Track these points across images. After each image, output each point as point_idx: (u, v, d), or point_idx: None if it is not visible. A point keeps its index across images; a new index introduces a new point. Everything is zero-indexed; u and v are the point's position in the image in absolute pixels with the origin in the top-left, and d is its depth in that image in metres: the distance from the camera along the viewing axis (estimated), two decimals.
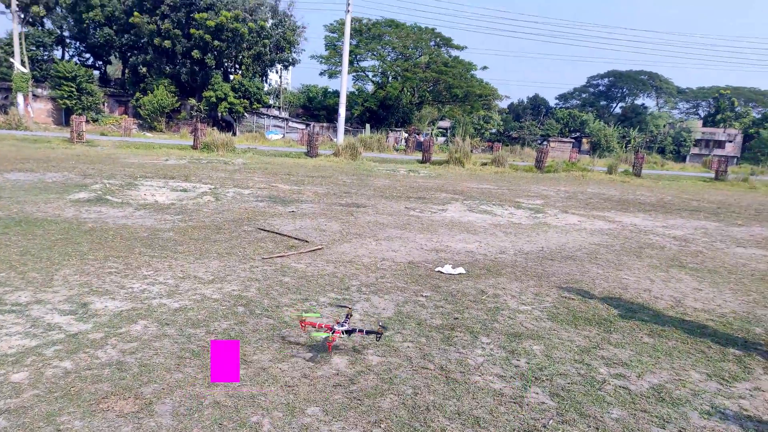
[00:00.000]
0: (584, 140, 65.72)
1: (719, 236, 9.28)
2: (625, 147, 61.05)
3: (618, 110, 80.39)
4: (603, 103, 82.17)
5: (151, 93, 38.91)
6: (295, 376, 3.12)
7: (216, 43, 39.14)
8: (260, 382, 3.01)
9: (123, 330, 3.61)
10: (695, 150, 67.80)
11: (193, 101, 41.03)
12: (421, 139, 46.03)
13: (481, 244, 7.34)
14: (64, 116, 38.51)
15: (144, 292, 4.40)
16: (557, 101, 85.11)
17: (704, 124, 74.29)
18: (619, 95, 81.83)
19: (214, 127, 36.37)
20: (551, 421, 2.82)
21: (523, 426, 2.74)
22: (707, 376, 3.51)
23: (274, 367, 3.21)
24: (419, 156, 26.85)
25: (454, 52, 53.42)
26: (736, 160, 65.01)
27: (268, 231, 7.28)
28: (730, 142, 69.87)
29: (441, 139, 61.69)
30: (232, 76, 44.04)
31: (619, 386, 3.28)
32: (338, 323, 3.49)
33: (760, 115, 73.73)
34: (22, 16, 37.13)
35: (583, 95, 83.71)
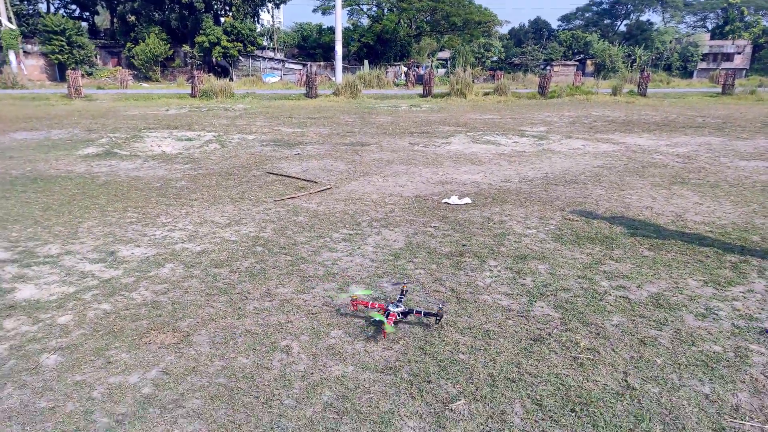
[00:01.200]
0: (588, 62, 63.94)
1: (723, 151, 9.32)
2: (631, 66, 59.45)
3: (623, 28, 77.62)
4: (607, 21, 79.26)
5: (143, 42, 38.03)
6: (317, 305, 3.36)
7: None
8: (286, 311, 3.26)
9: (152, 273, 3.85)
10: (703, 65, 65.89)
11: (186, 48, 40.13)
12: (421, 72, 45.05)
13: (486, 174, 7.46)
14: (57, 71, 37.90)
15: (166, 239, 4.63)
16: (560, 23, 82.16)
17: (712, 37, 71.76)
18: (623, 12, 78.71)
19: (210, 74, 35.75)
20: (555, 329, 3.06)
21: (530, 335, 2.98)
22: (704, 283, 3.73)
23: (297, 298, 3.45)
24: (420, 90, 26.46)
25: None
26: (744, 72, 63.25)
27: (277, 174, 7.43)
28: (739, 53, 67.72)
29: (441, 70, 60.24)
30: (222, 19, 42.77)
31: (620, 296, 3.51)
32: (393, 303, 3.13)
33: None
34: None
35: (587, 14, 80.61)
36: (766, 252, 4.34)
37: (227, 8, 43.03)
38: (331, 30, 50.22)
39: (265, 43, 51.72)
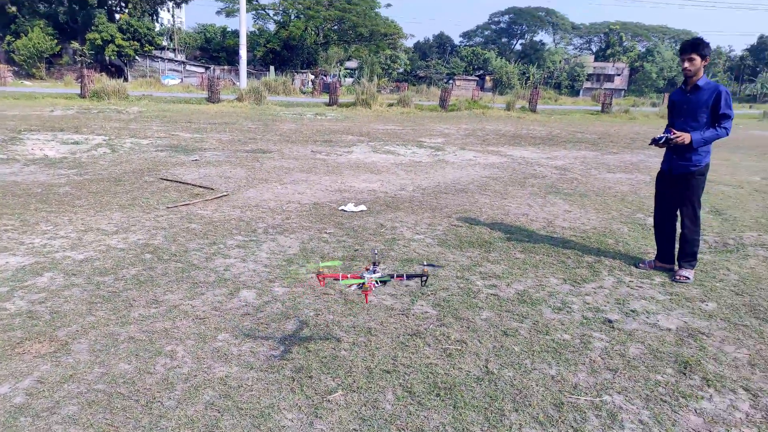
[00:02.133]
0: (487, 78, 67.61)
1: (594, 164, 10.37)
2: (525, 83, 63.71)
3: (518, 47, 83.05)
4: (504, 40, 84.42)
5: (25, 36, 34.97)
6: (206, 310, 3.41)
7: None
8: (172, 317, 3.28)
9: (29, 283, 3.69)
10: (588, 84, 72.04)
11: (76, 45, 37.43)
12: (328, 80, 45.31)
13: (383, 183, 7.78)
14: None
15: (45, 247, 4.42)
16: (462, 39, 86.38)
17: (596, 59, 78.76)
18: (519, 32, 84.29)
19: (103, 73, 33.60)
20: (431, 325, 3.35)
21: (408, 331, 3.24)
22: (563, 281, 4.21)
23: (185, 304, 3.47)
24: (326, 98, 26.64)
25: None
26: (623, 92, 69.94)
27: (171, 180, 7.26)
28: (618, 75, 74.82)
29: (349, 79, 60.96)
30: (118, 16, 40.43)
31: (491, 294, 3.88)
32: (367, 270, 2.92)
33: (644, 49, 79.20)
34: None
35: (486, 32, 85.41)
36: (617, 253, 4.97)
37: (123, 4, 40.77)
38: (236, 33, 49.07)
39: (164, 44, 49.51)
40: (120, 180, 7.15)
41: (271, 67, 44.23)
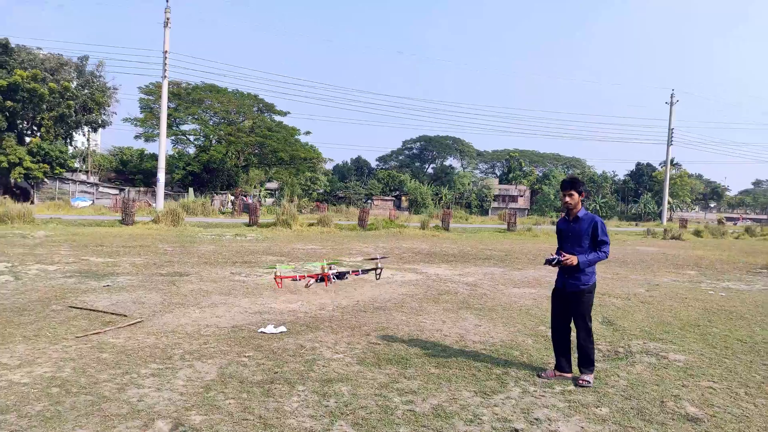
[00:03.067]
0: (403, 198, 71.30)
1: (502, 279, 11.14)
2: (438, 203, 67.69)
3: (430, 170, 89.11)
4: (417, 164, 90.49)
5: None
6: None
7: (9, 103, 35.20)
8: None
9: None
10: (495, 204, 77.74)
11: None
12: (249, 201, 45.81)
13: (303, 303, 7.92)
14: None
15: None
16: (378, 163, 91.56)
17: (500, 182, 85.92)
18: (430, 157, 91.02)
19: (7, 195, 32.11)
20: None
21: None
22: (474, 393, 4.48)
23: None
24: (246, 219, 26.86)
25: (278, 118, 54.96)
26: (527, 212, 75.86)
27: (81, 308, 7.00)
28: (521, 196, 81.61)
29: (269, 200, 61.91)
30: (28, 139, 39.63)
31: (407, 410, 4.06)
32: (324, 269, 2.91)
33: (541, 174, 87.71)
34: None
35: (400, 157, 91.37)
36: (522, 364, 5.35)
37: (35, 128, 40.19)
38: (154, 156, 49.26)
39: (77, 165, 48.57)
40: (24, 309, 6.80)
41: (190, 189, 44.31)
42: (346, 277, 2.95)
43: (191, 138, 53.89)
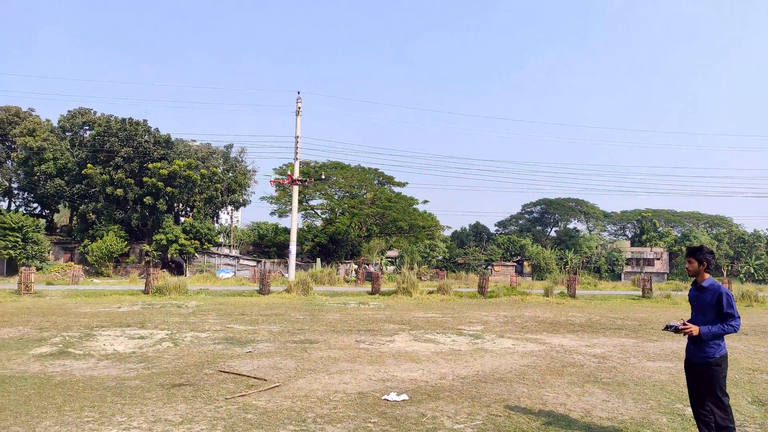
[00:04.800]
0: (525, 263, 69.12)
1: (634, 352, 10.47)
2: (563, 268, 64.61)
3: (553, 234, 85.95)
4: (539, 228, 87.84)
5: (100, 239, 39.17)
6: None
7: (168, 189, 40.70)
8: None
9: None
10: (628, 268, 72.32)
11: (146, 246, 41.41)
12: (371, 269, 47.35)
13: (424, 372, 8.15)
14: (5, 266, 37.83)
15: None
16: (497, 228, 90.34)
17: (632, 244, 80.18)
18: (552, 221, 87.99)
19: (165, 269, 36.58)
20: None
21: None
22: None
23: None
24: (369, 287, 27.85)
25: (397, 189, 57.30)
26: (666, 276, 69.57)
27: (229, 372, 7.87)
28: (658, 259, 75.20)
29: (390, 267, 63.46)
30: (183, 219, 45.19)
31: None
32: None
33: (680, 234, 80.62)
34: None
35: (520, 221, 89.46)
36: None
37: (189, 209, 45.77)
38: (287, 230, 53.30)
39: (221, 240, 53.99)
40: (183, 372, 7.81)
41: (318, 259, 47.04)
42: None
43: (318, 212, 57.75)
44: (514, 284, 32.93)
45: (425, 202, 72.16)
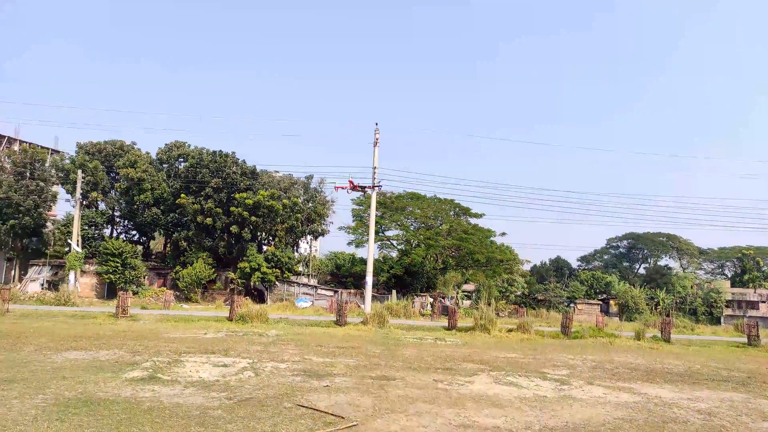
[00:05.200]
0: (611, 302, 65.27)
1: (745, 409, 9.38)
2: (654, 308, 60.31)
3: (642, 271, 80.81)
4: (626, 264, 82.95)
5: (191, 266, 41.39)
6: None
7: (253, 218, 42.49)
8: None
9: None
10: (729, 311, 66.34)
11: (231, 274, 43.31)
12: (447, 303, 46.54)
13: (507, 419, 7.70)
14: (106, 289, 40.74)
15: None
16: (579, 263, 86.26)
17: (733, 285, 73.63)
18: (640, 256, 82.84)
19: (247, 297, 37.92)
20: None
21: None
22: None
23: None
24: (445, 322, 27.29)
25: (473, 220, 56.43)
26: None
27: (307, 407, 7.83)
28: (764, 302, 68.43)
29: (466, 302, 62.09)
30: (265, 248, 46.87)
31: None
32: None
33: None
34: (83, 201, 41.49)
35: (605, 257, 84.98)
36: None
37: (271, 238, 47.47)
38: (363, 261, 53.81)
39: (300, 269, 55.36)
40: (264, 404, 7.86)
41: (393, 291, 46.96)
42: None
43: (394, 243, 57.96)
44: (601, 325, 31.03)
45: (503, 234, 70.44)
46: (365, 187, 37.80)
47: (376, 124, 38.27)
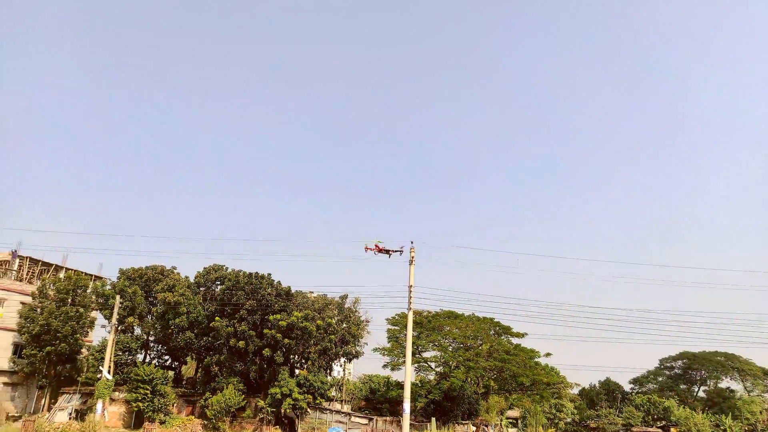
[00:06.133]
0: (672, 429, 59.36)
1: None
2: None
3: (702, 394, 74.31)
4: (683, 386, 76.57)
5: (221, 392, 39.92)
6: None
7: (286, 341, 41.47)
8: None
9: None
10: None
11: (261, 402, 41.47)
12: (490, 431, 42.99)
13: None
14: (134, 418, 39.27)
15: None
16: (632, 385, 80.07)
17: None
18: (698, 378, 76.53)
19: (277, 426, 35.81)
20: None
21: None
22: None
23: None
24: None
25: (515, 340, 53.90)
26: None
27: None
28: None
29: (512, 430, 57.28)
30: (297, 371, 45.14)
31: None
32: None
33: None
34: (118, 326, 41.49)
35: (659, 378, 78.85)
36: None
37: (303, 360, 45.87)
38: (399, 385, 51.14)
39: (333, 394, 52.75)
40: None
41: (433, 419, 43.87)
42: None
43: (432, 365, 55.33)
44: None
45: (548, 355, 66.64)
46: (390, 251, 37.26)
47: (411, 242, 38.18)
